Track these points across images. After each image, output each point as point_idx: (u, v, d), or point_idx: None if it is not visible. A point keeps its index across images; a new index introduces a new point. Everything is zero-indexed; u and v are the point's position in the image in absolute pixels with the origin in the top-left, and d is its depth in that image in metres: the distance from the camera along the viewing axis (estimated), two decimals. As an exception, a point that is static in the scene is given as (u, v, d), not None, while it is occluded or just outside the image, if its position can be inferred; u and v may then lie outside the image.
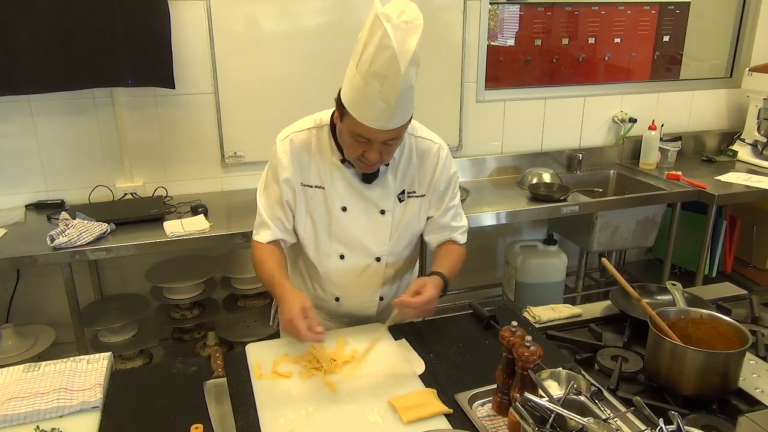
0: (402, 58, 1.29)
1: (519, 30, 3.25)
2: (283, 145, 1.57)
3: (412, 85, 1.35)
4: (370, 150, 1.43)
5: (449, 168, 1.66)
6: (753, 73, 3.38)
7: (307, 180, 1.58)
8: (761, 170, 3.25)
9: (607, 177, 3.36)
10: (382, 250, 1.64)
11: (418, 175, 1.62)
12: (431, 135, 1.66)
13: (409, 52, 1.29)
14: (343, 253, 1.64)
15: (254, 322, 2.82)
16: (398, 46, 1.28)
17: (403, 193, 1.62)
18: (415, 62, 1.32)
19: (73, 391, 1.33)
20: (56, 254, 2.16)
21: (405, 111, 1.39)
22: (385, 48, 1.28)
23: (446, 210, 1.68)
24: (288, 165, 1.57)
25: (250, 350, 1.53)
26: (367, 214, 1.61)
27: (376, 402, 1.32)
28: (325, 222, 1.61)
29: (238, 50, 2.69)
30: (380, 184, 1.59)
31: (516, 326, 1.26)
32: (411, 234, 1.68)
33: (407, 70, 1.30)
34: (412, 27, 1.30)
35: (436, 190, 1.65)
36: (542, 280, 3.03)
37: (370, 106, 1.35)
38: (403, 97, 1.34)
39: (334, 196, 1.58)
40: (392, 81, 1.31)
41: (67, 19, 2.35)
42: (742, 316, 1.68)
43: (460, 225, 1.72)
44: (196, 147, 2.79)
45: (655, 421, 1.08)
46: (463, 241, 1.72)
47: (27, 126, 2.56)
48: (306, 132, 1.58)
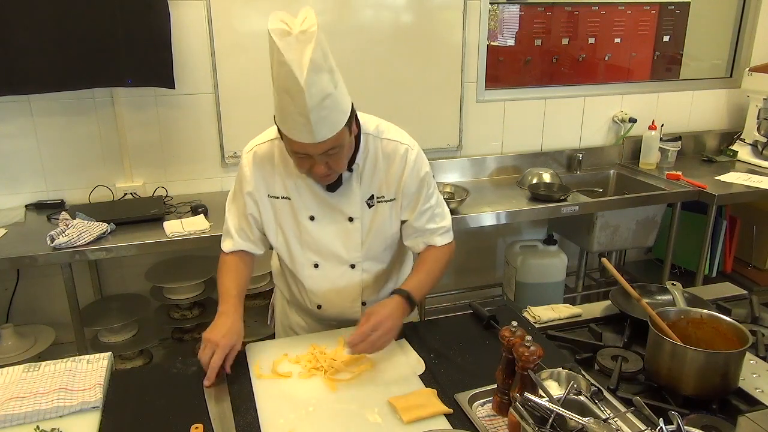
0: (299, 71, 1.24)
1: (519, 30, 3.25)
2: (246, 157, 1.57)
3: (327, 94, 1.29)
4: (315, 164, 1.39)
5: (419, 169, 1.56)
6: (753, 73, 3.38)
7: (273, 191, 1.57)
8: (761, 170, 3.25)
9: (607, 177, 3.36)
10: (354, 257, 1.62)
11: (385, 178, 1.56)
12: (399, 136, 1.58)
13: (306, 63, 1.23)
14: (316, 261, 1.62)
15: (254, 322, 2.82)
16: (293, 59, 1.24)
17: (372, 198, 1.58)
18: (318, 70, 1.26)
19: (73, 391, 1.33)
20: (56, 254, 2.16)
21: (330, 120, 1.32)
22: (282, 64, 1.25)
23: (420, 213, 1.60)
24: (251, 178, 1.56)
25: (250, 350, 1.53)
26: (335, 222, 1.58)
27: (376, 402, 1.32)
28: (295, 232, 1.59)
29: (238, 50, 2.69)
30: (345, 191, 1.55)
31: (516, 326, 1.26)
32: (384, 239, 1.63)
33: (311, 81, 1.25)
34: (307, 36, 1.25)
35: (407, 193, 1.57)
36: (542, 280, 3.03)
37: (293, 122, 1.32)
38: (320, 107, 1.28)
39: (300, 206, 1.56)
40: (298, 94, 1.26)
41: (67, 19, 2.35)
42: (742, 316, 1.68)
43: (439, 226, 1.63)
44: (196, 147, 2.79)
45: (655, 421, 1.08)
46: (443, 242, 1.64)
47: (27, 126, 2.56)
48: (269, 144, 1.56)
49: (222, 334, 1.42)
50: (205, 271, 2.70)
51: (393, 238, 1.65)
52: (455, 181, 3.09)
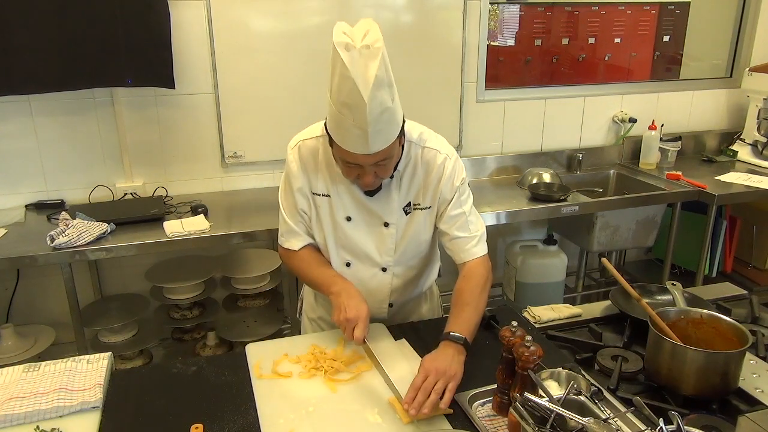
0: (363, 87, 1.26)
1: (519, 30, 3.25)
2: (293, 153, 1.58)
3: (386, 107, 1.31)
4: (364, 173, 1.42)
5: (454, 178, 1.58)
6: (753, 73, 3.38)
7: (315, 188, 1.59)
8: (761, 170, 3.25)
9: (607, 177, 3.36)
10: (386, 261, 1.64)
11: (423, 186, 1.58)
12: (439, 145, 1.59)
13: (371, 78, 1.26)
14: (349, 260, 1.64)
15: (254, 322, 2.82)
16: (358, 74, 1.26)
17: (409, 206, 1.60)
18: (380, 86, 1.28)
19: (73, 391, 1.33)
20: (56, 254, 2.16)
21: (385, 133, 1.35)
22: (346, 78, 1.27)
23: (451, 218, 1.59)
24: (298, 173, 1.57)
25: (250, 350, 1.53)
26: (371, 226, 1.60)
27: (376, 402, 1.32)
28: (331, 229, 1.61)
29: (238, 50, 2.69)
30: (384, 197, 1.57)
31: (516, 326, 1.26)
32: (418, 245, 1.65)
33: (372, 96, 1.27)
34: (372, 52, 1.27)
35: (442, 201, 1.59)
36: (542, 280, 3.03)
37: (348, 134, 1.34)
38: (377, 121, 1.31)
39: (339, 206, 1.58)
40: (360, 109, 1.28)
41: (67, 19, 2.35)
42: (742, 316, 1.68)
43: (472, 235, 1.61)
44: (196, 147, 2.79)
45: (655, 421, 1.08)
46: (481, 253, 1.63)
47: (27, 126, 2.56)
48: (314, 140, 1.57)
49: (355, 308, 1.44)
50: (205, 271, 2.70)
51: (426, 245, 1.67)
52: (455, 181, 3.08)
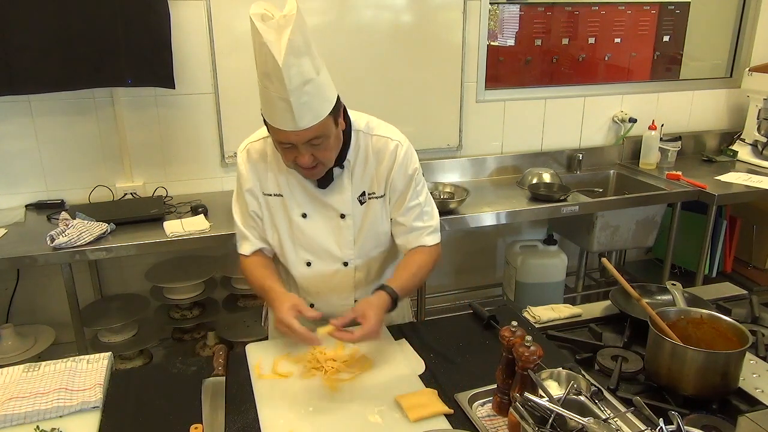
0: (277, 52, 1.26)
1: (519, 30, 3.25)
2: (241, 156, 1.59)
3: (307, 79, 1.30)
4: (300, 155, 1.40)
5: (407, 165, 1.57)
6: (753, 73, 3.38)
7: (267, 189, 1.58)
8: (761, 170, 3.25)
9: (607, 177, 3.36)
10: (347, 254, 1.62)
11: (376, 174, 1.57)
12: (390, 132, 1.58)
13: (284, 43, 1.26)
14: (309, 260, 1.63)
15: (254, 322, 2.82)
16: (272, 40, 1.26)
17: (363, 195, 1.59)
18: (298, 53, 1.28)
19: (73, 391, 1.33)
20: (56, 254, 2.16)
21: (313, 107, 1.34)
22: (262, 46, 1.28)
23: (407, 210, 1.60)
24: (248, 175, 1.58)
25: (250, 350, 1.53)
26: (327, 219, 1.59)
27: (376, 402, 1.32)
28: (287, 229, 1.60)
29: (238, 50, 2.69)
30: (337, 188, 1.56)
31: (516, 326, 1.26)
32: (377, 236, 1.63)
33: (288, 63, 1.26)
34: (287, 19, 1.27)
35: (394, 189, 1.58)
36: (542, 280, 3.03)
37: (275, 107, 1.33)
38: (301, 92, 1.30)
39: (293, 204, 1.57)
40: (278, 77, 1.28)
41: (67, 19, 2.35)
42: (742, 316, 1.68)
43: (427, 225, 1.62)
44: (196, 147, 2.79)
45: (655, 421, 1.08)
46: (432, 242, 1.63)
47: (27, 126, 2.56)
48: (262, 141, 1.58)
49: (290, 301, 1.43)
50: (205, 271, 2.70)
51: (386, 235, 1.66)
52: (455, 181, 3.09)
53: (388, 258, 1.72)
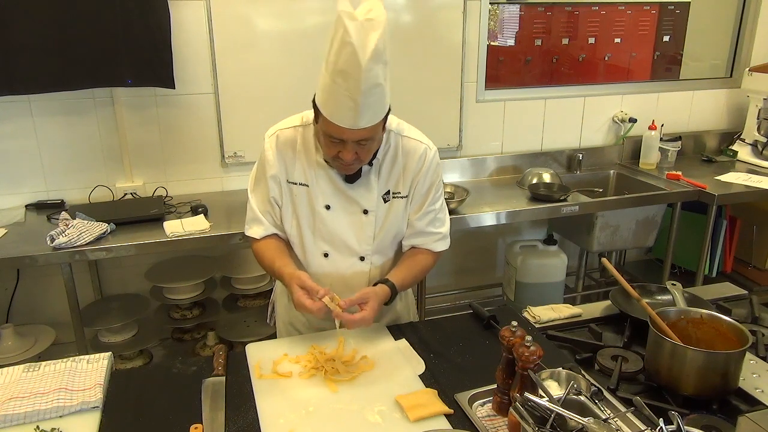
0: (362, 54, 1.29)
1: (519, 30, 3.25)
2: (269, 141, 1.60)
3: (378, 83, 1.35)
4: (345, 150, 1.44)
5: (434, 171, 1.63)
6: (753, 73, 3.38)
7: (292, 177, 1.60)
8: (761, 170, 3.25)
9: (607, 177, 3.36)
10: (365, 249, 1.64)
11: (402, 175, 1.61)
12: (420, 136, 1.64)
13: (370, 48, 1.29)
14: (327, 251, 1.64)
15: (254, 322, 2.82)
16: (358, 42, 1.29)
17: (388, 194, 1.62)
18: (377, 59, 1.32)
19: (73, 391, 1.33)
20: (56, 254, 2.16)
21: (374, 110, 1.39)
22: (346, 44, 1.29)
23: (424, 213, 1.65)
24: (274, 161, 1.59)
25: (250, 350, 1.53)
26: (350, 213, 1.61)
27: (376, 402, 1.32)
28: (309, 220, 1.62)
29: (238, 50, 2.69)
30: (363, 184, 1.59)
31: (516, 326, 1.26)
32: (395, 235, 1.67)
33: (368, 66, 1.30)
34: (374, 24, 1.30)
35: (418, 191, 1.63)
36: (542, 280, 3.03)
37: (339, 105, 1.36)
38: (370, 94, 1.34)
39: (318, 194, 1.59)
40: (355, 77, 1.31)
41: (67, 19, 2.35)
42: (742, 316, 1.69)
43: (438, 231, 1.68)
44: (196, 147, 2.79)
45: (655, 421, 1.08)
46: (440, 249, 1.69)
47: (27, 126, 2.56)
48: (292, 130, 1.60)
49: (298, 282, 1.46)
50: (205, 271, 2.70)
51: (402, 235, 1.69)
52: (455, 181, 3.09)
53: (399, 257, 1.75)
